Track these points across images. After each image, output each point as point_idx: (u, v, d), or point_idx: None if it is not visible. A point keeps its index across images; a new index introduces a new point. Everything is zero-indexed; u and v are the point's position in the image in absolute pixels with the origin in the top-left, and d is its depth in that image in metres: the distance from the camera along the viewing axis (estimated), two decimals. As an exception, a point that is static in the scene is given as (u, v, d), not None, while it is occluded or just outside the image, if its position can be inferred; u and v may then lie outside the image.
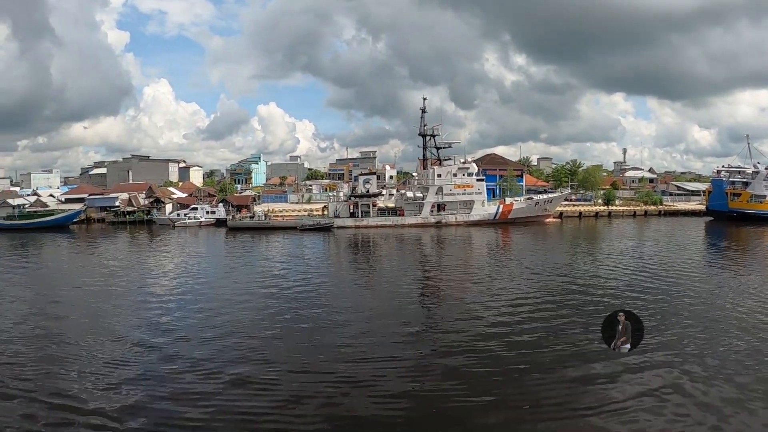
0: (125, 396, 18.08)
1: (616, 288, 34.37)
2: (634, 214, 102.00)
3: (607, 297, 31.44)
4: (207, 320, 27.27)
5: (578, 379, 18.94)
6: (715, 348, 21.80)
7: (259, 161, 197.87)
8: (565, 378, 19.08)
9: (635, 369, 19.53)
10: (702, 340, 22.76)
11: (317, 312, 28.25)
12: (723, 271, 42.20)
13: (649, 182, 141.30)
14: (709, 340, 22.83)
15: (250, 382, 19.04)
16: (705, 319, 25.95)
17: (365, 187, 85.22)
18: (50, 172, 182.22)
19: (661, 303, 28.73)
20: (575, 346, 22.40)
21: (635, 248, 54.49)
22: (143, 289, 37.00)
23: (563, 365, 20.21)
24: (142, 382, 19.31)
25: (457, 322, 26.28)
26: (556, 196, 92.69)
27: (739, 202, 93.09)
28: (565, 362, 20.50)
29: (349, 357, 21.41)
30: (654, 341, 22.07)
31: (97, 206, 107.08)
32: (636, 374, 19.22)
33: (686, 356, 20.92)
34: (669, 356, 20.88)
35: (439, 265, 48.63)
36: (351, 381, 19.05)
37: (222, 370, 20.23)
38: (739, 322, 25.42)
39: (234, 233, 78.64)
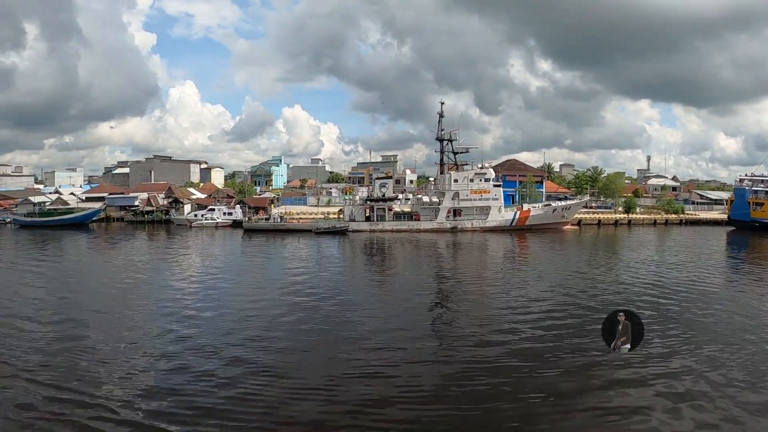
0: (142, 385, 18.41)
1: (630, 300, 33.43)
2: (655, 222, 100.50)
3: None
4: (215, 324, 26.89)
5: (600, 403, 17.87)
6: (734, 364, 20.90)
7: (280, 164, 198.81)
8: (586, 396, 18.23)
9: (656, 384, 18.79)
10: (718, 355, 21.84)
11: (331, 319, 27.51)
12: (741, 284, 40.08)
13: (671, 190, 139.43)
14: (725, 356, 21.92)
15: (263, 383, 18.74)
16: (719, 334, 25.06)
17: (381, 191, 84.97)
18: (74, 171, 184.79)
19: (672, 321, 27.63)
20: (587, 356, 21.71)
21: (652, 259, 53.00)
22: (152, 288, 37.22)
23: (581, 382, 19.35)
24: (159, 373, 19.64)
25: (474, 335, 25.16)
26: (575, 202, 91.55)
27: (761, 211, 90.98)
28: (583, 377, 19.69)
29: (364, 369, 20.66)
30: (666, 361, 21.25)
31: (116, 205, 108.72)
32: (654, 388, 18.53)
33: (704, 371, 20.16)
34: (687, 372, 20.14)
35: (453, 272, 47.75)
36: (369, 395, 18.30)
37: (235, 365, 20.30)
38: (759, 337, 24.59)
39: (250, 235, 79.03)
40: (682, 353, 21.84)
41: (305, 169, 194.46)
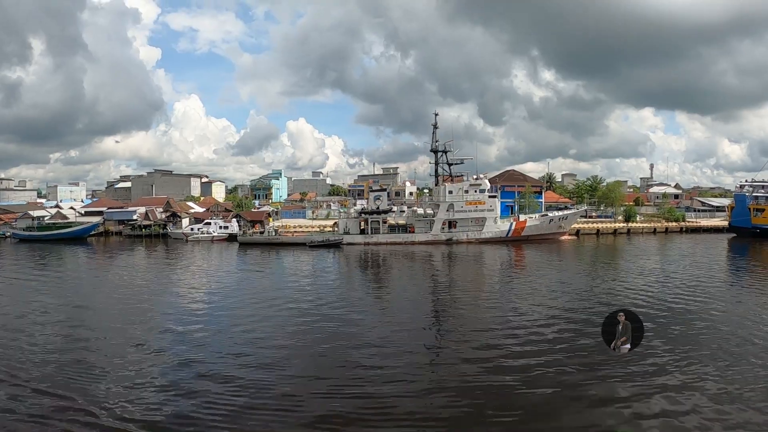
0: (143, 399, 19.06)
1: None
2: (654, 231, 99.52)
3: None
4: (204, 341, 26.91)
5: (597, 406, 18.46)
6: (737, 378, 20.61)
7: (281, 177, 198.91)
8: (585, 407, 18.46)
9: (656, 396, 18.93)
10: (717, 372, 21.35)
11: (325, 339, 26.94)
12: (741, 296, 38.67)
13: (673, 198, 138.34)
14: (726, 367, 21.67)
15: (260, 394, 19.37)
16: (717, 350, 24.27)
17: (376, 204, 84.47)
18: (76, 185, 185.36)
19: (669, 338, 26.74)
20: (590, 370, 21.63)
21: (649, 270, 52.05)
22: (142, 305, 36.98)
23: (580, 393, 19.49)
24: (160, 382, 20.70)
25: (468, 349, 25.11)
26: (572, 212, 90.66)
27: (762, 217, 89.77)
28: (582, 389, 19.77)
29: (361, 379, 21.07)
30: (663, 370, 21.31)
31: (115, 219, 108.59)
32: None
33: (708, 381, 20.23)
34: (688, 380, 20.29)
35: (448, 285, 47.39)
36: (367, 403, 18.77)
37: (234, 377, 21.02)
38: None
39: (244, 248, 78.81)
40: (678, 370, 21.47)
41: (306, 182, 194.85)
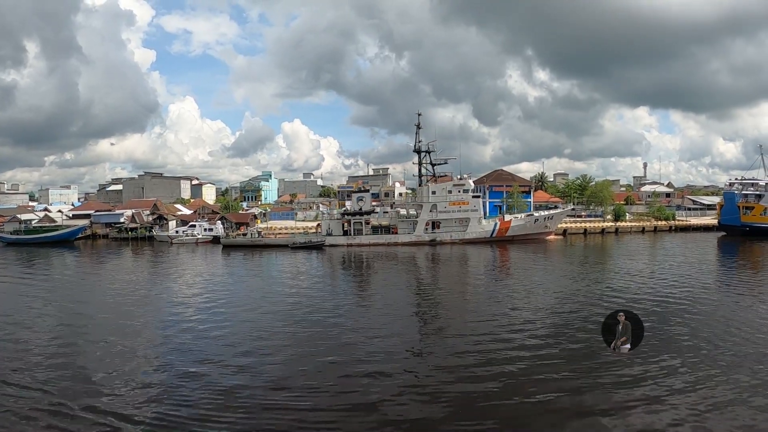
0: (130, 401, 19.42)
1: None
2: (643, 230, 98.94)
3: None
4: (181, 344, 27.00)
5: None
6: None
7: (270, 178, 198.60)
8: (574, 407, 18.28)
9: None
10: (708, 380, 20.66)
11: (304, 346, 26.49)
12: (728, 297, 37.14)
13: (665, 196, 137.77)
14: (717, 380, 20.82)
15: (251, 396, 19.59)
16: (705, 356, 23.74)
17: (358, 205, 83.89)
18: (68, 188, 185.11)
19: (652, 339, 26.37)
20: (577, 376, 21.26)
21: (633, 270, 51.29)
22: (120, 307, 37.16)
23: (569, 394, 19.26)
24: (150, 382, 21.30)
25: (450, 361, 24.13)
26: (558, 212, 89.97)
27: (752, 215, 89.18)
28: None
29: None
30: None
31: (102, 222, 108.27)
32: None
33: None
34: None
35: (431, 288, 46.69)
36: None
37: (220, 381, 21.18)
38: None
39: (228, 251, 78.31)
40: (669, 374, 21.00)
41: (297, 184, 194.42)
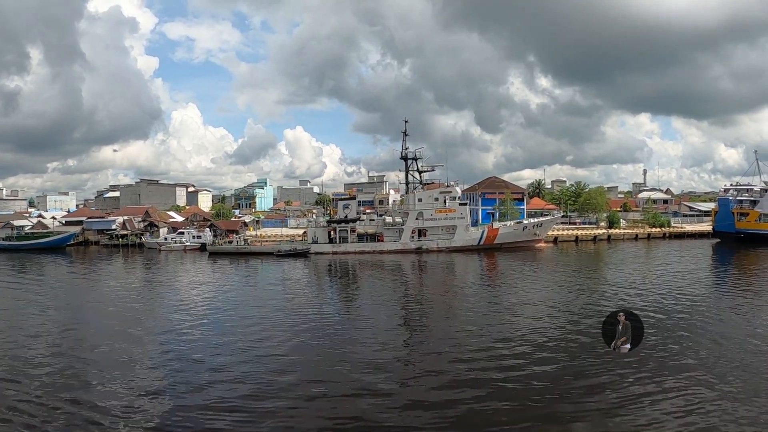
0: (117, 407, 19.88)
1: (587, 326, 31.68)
2: (636, 237, 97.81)
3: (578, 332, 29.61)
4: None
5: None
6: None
7: (265, 186, 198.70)
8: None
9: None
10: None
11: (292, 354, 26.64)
12: (717, 313, 34.87)
13: (662, 203, 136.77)
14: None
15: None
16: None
17: (344, 213, 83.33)
18: (66, 195, 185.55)
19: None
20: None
21: (619, 278, 50.81)
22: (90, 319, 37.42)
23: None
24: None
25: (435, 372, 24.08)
26: (547, 219, 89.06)
27: (746, 222, 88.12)
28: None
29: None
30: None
31: (94, 229, 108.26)
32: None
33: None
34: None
35: (416, 298, 45.88)
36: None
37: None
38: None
39: (214, 258, 78.10)
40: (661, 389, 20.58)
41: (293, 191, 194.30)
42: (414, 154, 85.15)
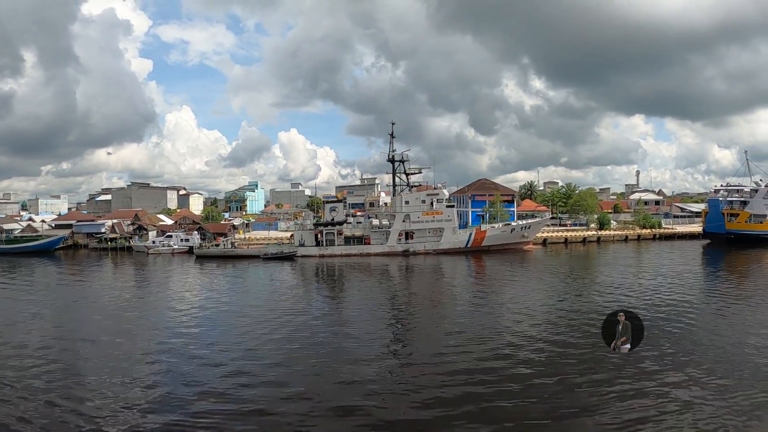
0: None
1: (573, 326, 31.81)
2: (626, 238, 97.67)
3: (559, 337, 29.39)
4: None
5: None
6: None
7: (257, 189, 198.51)
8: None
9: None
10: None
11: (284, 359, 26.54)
12: (705, 318, 33.97)
13: (654, 204, 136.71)
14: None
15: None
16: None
17: (331, 215, 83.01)
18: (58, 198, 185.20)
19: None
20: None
21: (609, 279, 50.91)
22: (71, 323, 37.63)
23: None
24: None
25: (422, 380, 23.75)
26: (535, 221, 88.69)
27: (737, 222, 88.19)
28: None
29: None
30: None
31: (84, 232, 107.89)
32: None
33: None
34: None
35: (404, 300, 46.03)
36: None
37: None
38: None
39: (201, 261, 77.69)
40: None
41: (285, 194, 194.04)
42: (401, 156, 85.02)
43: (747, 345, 26.74)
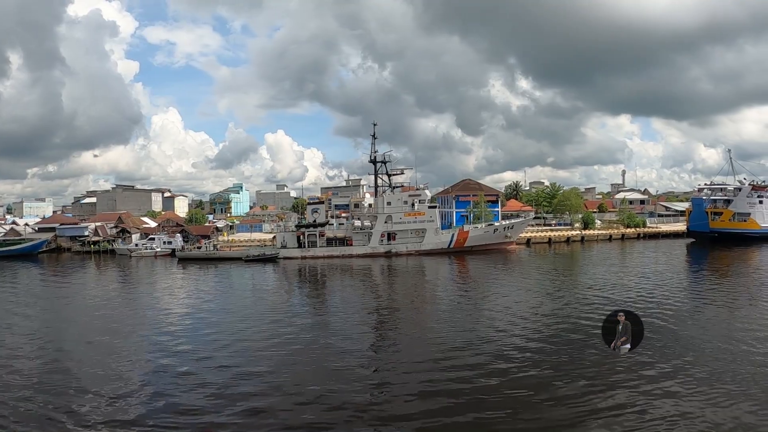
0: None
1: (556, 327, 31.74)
2: (610, 237, 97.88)
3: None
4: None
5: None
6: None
7: (241, 190, 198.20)
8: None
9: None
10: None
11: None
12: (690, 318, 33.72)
13: (639, 203, 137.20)
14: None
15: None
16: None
17: (313, 217, 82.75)
18: (43, 201, 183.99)
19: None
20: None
21: (591, 279, 51.15)
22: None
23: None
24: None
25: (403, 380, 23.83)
26: (518, 221, 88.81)
27: (720, 221, 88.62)
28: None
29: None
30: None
31: (67, 236, 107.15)
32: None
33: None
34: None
35: (386, 302, 45.80)
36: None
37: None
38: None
39: (183, 264, 77.31)
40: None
41: (270, 195, 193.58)
42: (383, 157, 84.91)
43: (730, 341, 27.16)
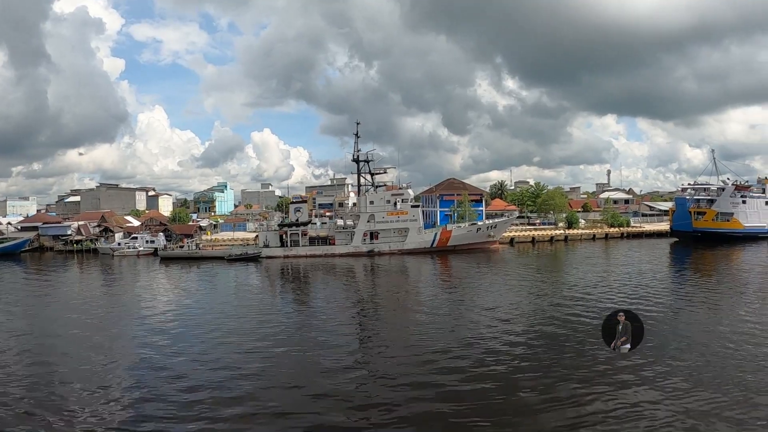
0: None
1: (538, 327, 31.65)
2: (594, 237, 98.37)
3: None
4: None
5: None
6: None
7: (226, 189, 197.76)
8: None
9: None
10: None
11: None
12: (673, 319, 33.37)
13: (624, 203, 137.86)
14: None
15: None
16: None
17: (295, 216, 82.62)
18: (26, 200, 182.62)
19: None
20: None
21: (574, 278, 51.36)
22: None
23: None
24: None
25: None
26: (501, 221, 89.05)
27: (703, 221, 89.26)
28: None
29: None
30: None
31: (50, 235, 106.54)
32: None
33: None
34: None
35: (369, 302, 45.50)
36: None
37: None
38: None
39: (165, 263, 77.01)
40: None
41: (254, 194, 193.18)
42: (366, 156, 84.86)
43: (712, 338, 27.61)
